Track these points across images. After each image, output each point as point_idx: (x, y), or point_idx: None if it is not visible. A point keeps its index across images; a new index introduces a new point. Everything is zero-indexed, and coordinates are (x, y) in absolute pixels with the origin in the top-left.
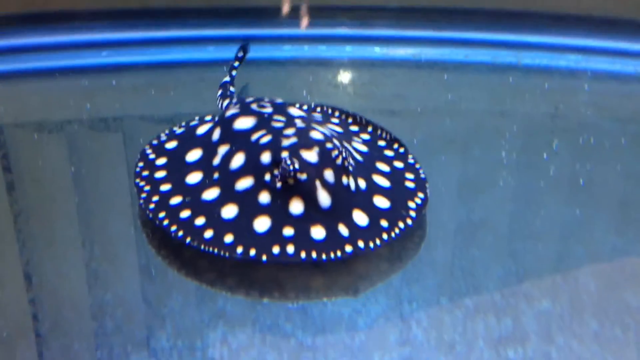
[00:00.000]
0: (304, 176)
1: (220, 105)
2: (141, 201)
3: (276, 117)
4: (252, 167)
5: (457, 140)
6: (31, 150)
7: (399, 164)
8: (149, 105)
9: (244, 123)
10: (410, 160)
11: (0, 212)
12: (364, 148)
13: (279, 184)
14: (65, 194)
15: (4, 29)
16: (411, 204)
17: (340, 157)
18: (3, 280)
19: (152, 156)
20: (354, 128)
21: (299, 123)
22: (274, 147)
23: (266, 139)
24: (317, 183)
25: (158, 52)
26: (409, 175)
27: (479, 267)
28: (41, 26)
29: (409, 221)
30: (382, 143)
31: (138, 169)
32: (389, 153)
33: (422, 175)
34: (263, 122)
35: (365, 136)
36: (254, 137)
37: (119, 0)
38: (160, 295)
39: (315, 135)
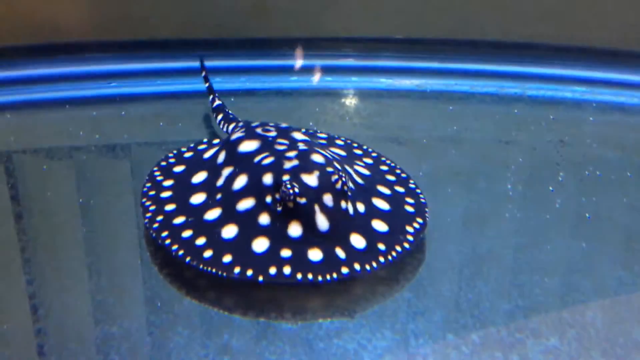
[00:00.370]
0: (303, 200)
1: (225, 129)
2: (146, 220)
3: (279, 140)
4: (254, 188)
5: (462, 172)
6: (40, 180)
7: (400, 188)
8: (157, 136)
9: (248, 146)
10: (412, 185)
11: (7, 242)
12: (366, 171)
13: (279, 208)
14: (73, 225)
15: (15, 60)
16: (409, 229)
17: (340, 182)
18: (9, 311)
19: (159, 177)
20: (358, 152)
21: (301, 146)
22: (276, 169)
23: (268, 160)
24: (316, 207)
25: (166, 83)
26: (409, 200)
27: (485, 300)
28: (51, 57)
29: (407, 245)
30: (384, 167)
31: (145, 189)
32: (390, 177)
33: (423, 200)
34: (266, 145)
35: (368, 160)
36: (257, 158)
37: (128, 32)
38: (165, 329)
39: (317, 158)
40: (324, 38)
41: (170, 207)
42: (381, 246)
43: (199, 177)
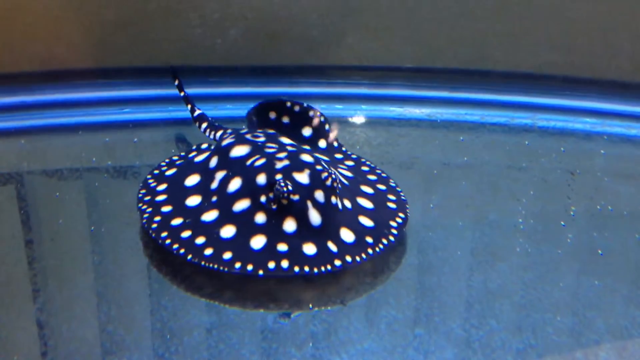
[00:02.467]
0: (296, 197)
1: (212, 137)
2: (144, 221)
3: (269, 144)
4: (248, 189)
5: (473, 204)
6: (52, 206)
7: (381, 187)
8: None
9: (239, 151)
10: (392, 183)
11: (18, 269)
12: (349, 174)
13: (274, 206)
14: (84, 252)
15: (29, 86)
16: (393, 223)
17: (330, 179)
18: (19, 341)
19: (153, 184)
20: (339, 156)
21: (290, 148)
22: (268, 169)
23: (260, 161)
24: (309, 203)
25: (179, 109)
26: (391, 197)
27: (497, 339)
28: (64, 83)
29: (392, 238)
30: (365, 168)
31: (140, 195)
32: (372, 177)
33: (403, 197)
34: (257, 149)
35: (350, 162)
36: (249, 161)
37: (140, 59)
38: None
39: (306, 158)
40: (335, 66)
41: (166, 209)
42: (369, 239)
43: (192, 180)
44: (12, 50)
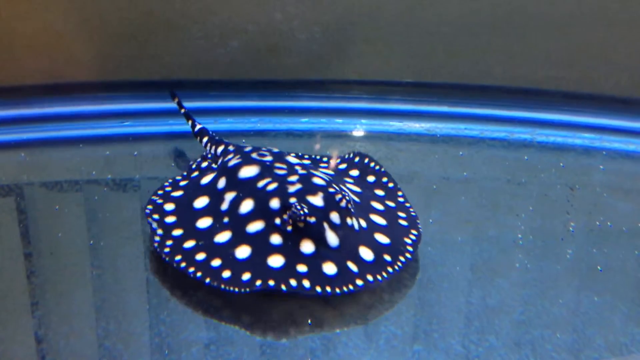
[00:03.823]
0: (313, 219)
1: (213, 151)
2: (155, 244)
3: (277, 164)
4: (261, 212)
5: (472, 219)
6: (51, 219)
7: (390, 203)
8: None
9: (248, 172)
10: (400, 199)
11: (16, 284)
12: (357, 188)
13: (289, 228)
14: (83, 266)
15: (29, 99)
16: (407, 240)
17: (344, 200)
18: (16, 356)
19: (159, 201)
20: (342, 166)
21: (299, 170)
22: (282, 193)
23: (272, 186)
24: (325, 225)
25: (179, 123)
26: (401, 214)
27: (496, 356)
28: (65, 96)
29: (408, 255)
30: (370, 179)
31: (148, 211)
32: (379, 192)
33: (413, 213)
34: (266, 170)
35: (355, 172)
36: (260, 184)
37: (141, 72)
38: None
39: (318, 181)
40: (335, 80)
41: (177, 232)
42: (387, 257)
43: (201, 202)
44: (12, 63)
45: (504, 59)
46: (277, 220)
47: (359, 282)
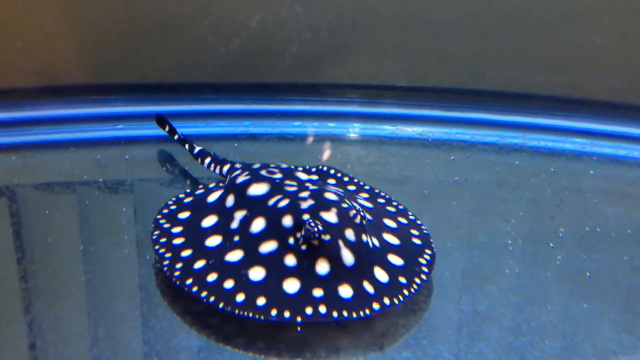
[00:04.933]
0: (327, 237)
1: (218, 171)
2: (165, 269)
3: (287, 182)
4: (274, 230)
5: (463, 224)
6: (42, 223)
7: (402, 220)
8: (161, 179)
9: (258, 189)
10: (411, 217)
11: (6, 290)
12: (368, 204)
13: (303, 247)
14: (74, 271)
15: (20, 101)
16: (422, 260)
17: (359, 216)
18: None
19: (166, 225)
20: (352, 187)
21: (310, 186)
22: (294, 210)
23: (284, 203)
24: (340, 243)
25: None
26: (414, 232)
27: None
28: (56, 99)
29: (424, 277)
30: (381, 200)
31: (155, 237)
32: (390, 209)
33: (425, 231)
34: (276, 187)
35: (365, 194)
36: (271, 202)
37: (133, 75)
38: None
39: (330, 196)
40: (328, 84)
41: (186, 252)
42: (402, 280)
43: (209, 221)
44: (4, 65)
45: (496, 64)
46: (291, 240)
47: (376, 306)
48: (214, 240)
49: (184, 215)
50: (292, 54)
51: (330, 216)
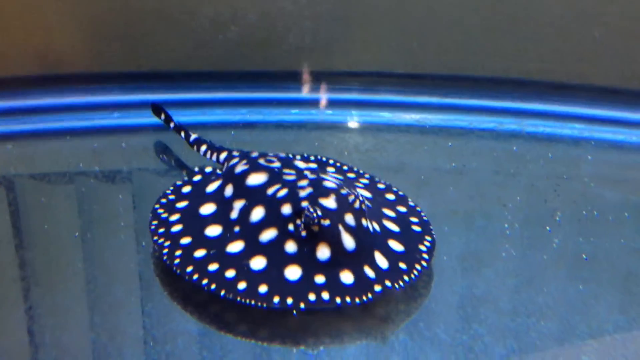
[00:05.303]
0: (327, 222)
1: (215, 159)
2: (165, 257)
3: (286, 170)
4: (273, 219)
5: (460, 209)
6: (38, 211)
7: (402, 208)
8: (158, 168)
9: (256, 179)
10: (411, 203)
11: (2, 276)
12: (367, 193)
13: (303, 233)
14: (70, 258)
15: (17, 90)
16: (422, 247)
17: (358, 201)
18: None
19: (164, 215)
20: (351, 175)
21: (309, 174)
22: (293, 199)
23: (283, 192)
24: (340, 227)
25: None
26: (414, 219)
27: (480, 343)
28: (53, 88)
29: (424, 263)
30: (381, 186)
31: (153, 227)
32: (390, 196)
33: (425, 218)
34: (275, 176)
35: (364, 181)
36: (270, 191)
37: (131, 64)
38: None
39: (328, 184)
40: (326, 72)
41: (185, 240)
42: (402, 265)
43: (208, 208)
44: (0, 54)
45: (494, 50)
46: (291, 227)
47: (377, 287)
48: (214, 230)
49: (182, 204)
50: (290, 42)
51: (329, 202)
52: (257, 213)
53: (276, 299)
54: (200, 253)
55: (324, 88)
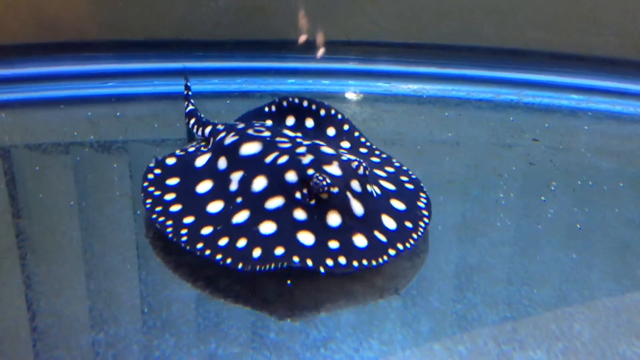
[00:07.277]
0: (336, 189)
1: (200, 133)
2: (170, 235)
3: (278, 139)
4: (277, 187)
5: (456, 179)
6: (33, 180)
7: (389, 169)
8: (152, 137)
9: (250, 148)
10: (397, 164)
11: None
12: (353, 157)
13: (312, 202)
14: (65, 227)
15: (10, 59)
16: (420, 204)
17: (361, 167)
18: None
19: (157, 193)
20: (331, 133)
21: (303, 142)
22: (296, 166)
23: (283, 159)
24: (349, 194)
25: (163, 84)
26: (403, 178)
27: (473, 311)
28: (47, 56)
29: (427, 220)
30: (363, 150)
31: (149, 206)
32: (375, 159)
33: (413, 176)
34: (269, 145)
35: (346, 144)
36: (268, 159)
37: (125, 32)
38: (153, 336)
39: (327, 150)
40: (322, 41)
41: (189, 219)
42: (408, 224)
43: (205, 186)
44: None
45: (492, 20)
46: (298, 195)
47: (392, 252)
48: (215, 206)
49: (173, 181)
50: (286, 11)
51: (334, 169)
52: (259, 183)
53: (296, 258)
54: (207, 230)
55: (320, 53)
